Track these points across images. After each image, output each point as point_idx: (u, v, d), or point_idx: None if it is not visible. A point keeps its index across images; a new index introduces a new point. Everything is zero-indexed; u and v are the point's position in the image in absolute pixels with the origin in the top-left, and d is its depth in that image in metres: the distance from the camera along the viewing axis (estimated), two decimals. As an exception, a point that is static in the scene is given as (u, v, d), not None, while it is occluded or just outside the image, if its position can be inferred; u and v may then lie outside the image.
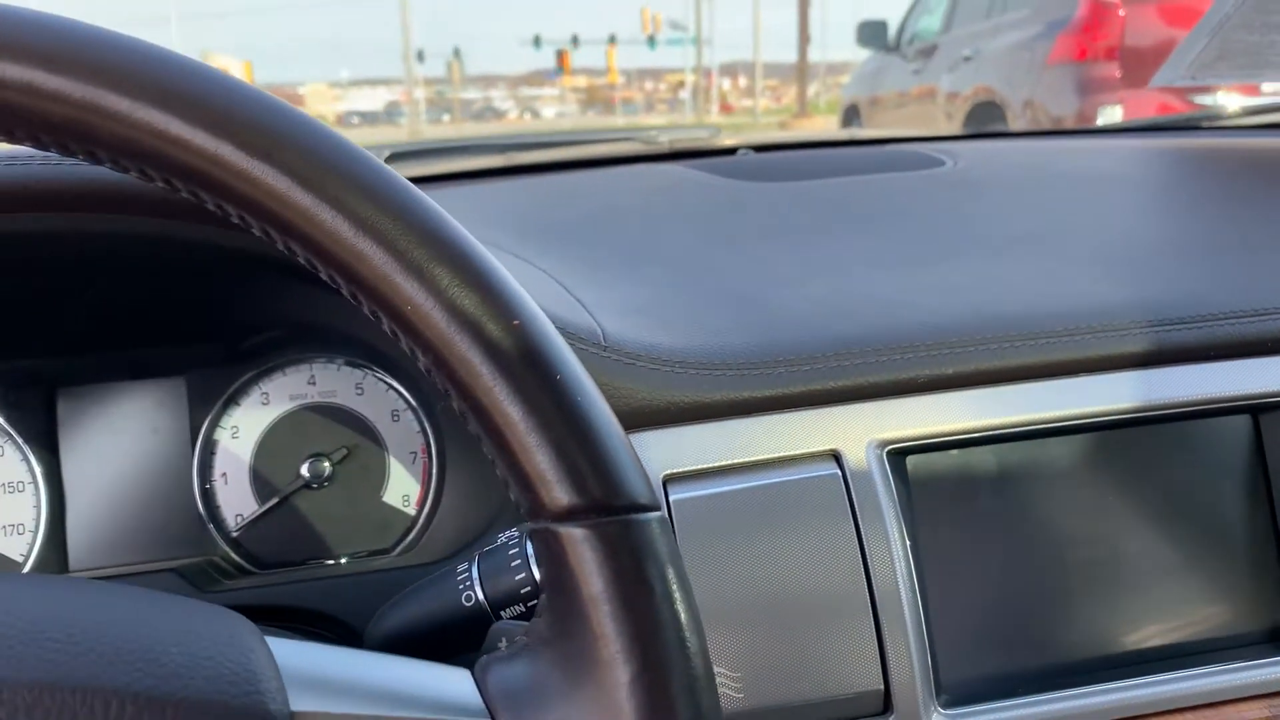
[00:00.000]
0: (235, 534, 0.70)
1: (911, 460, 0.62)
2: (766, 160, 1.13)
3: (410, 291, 0.36)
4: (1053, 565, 0.63)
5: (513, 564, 0.49)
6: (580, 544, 0.36)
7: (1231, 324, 0.65)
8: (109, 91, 0.34)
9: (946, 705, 0.58)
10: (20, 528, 0.69)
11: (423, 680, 0.39)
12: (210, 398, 0.71)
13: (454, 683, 0.39)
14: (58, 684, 0.34)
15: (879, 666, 0.57)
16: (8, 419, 0.69)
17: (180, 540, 0.70)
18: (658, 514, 0.37)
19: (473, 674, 0.39)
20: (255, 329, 0.70)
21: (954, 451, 0.63)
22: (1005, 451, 0.63)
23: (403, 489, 0.72)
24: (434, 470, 0.72)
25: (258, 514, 0.70)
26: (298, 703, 0.36)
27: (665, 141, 1.30)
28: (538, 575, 0.49)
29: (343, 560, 0.71)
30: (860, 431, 0.61)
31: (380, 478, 0.72)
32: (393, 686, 0.38)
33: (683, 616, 0.37)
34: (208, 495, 0.70)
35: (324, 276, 0.38)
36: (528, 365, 0.36)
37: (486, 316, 0.36)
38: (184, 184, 0.36)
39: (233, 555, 0.70)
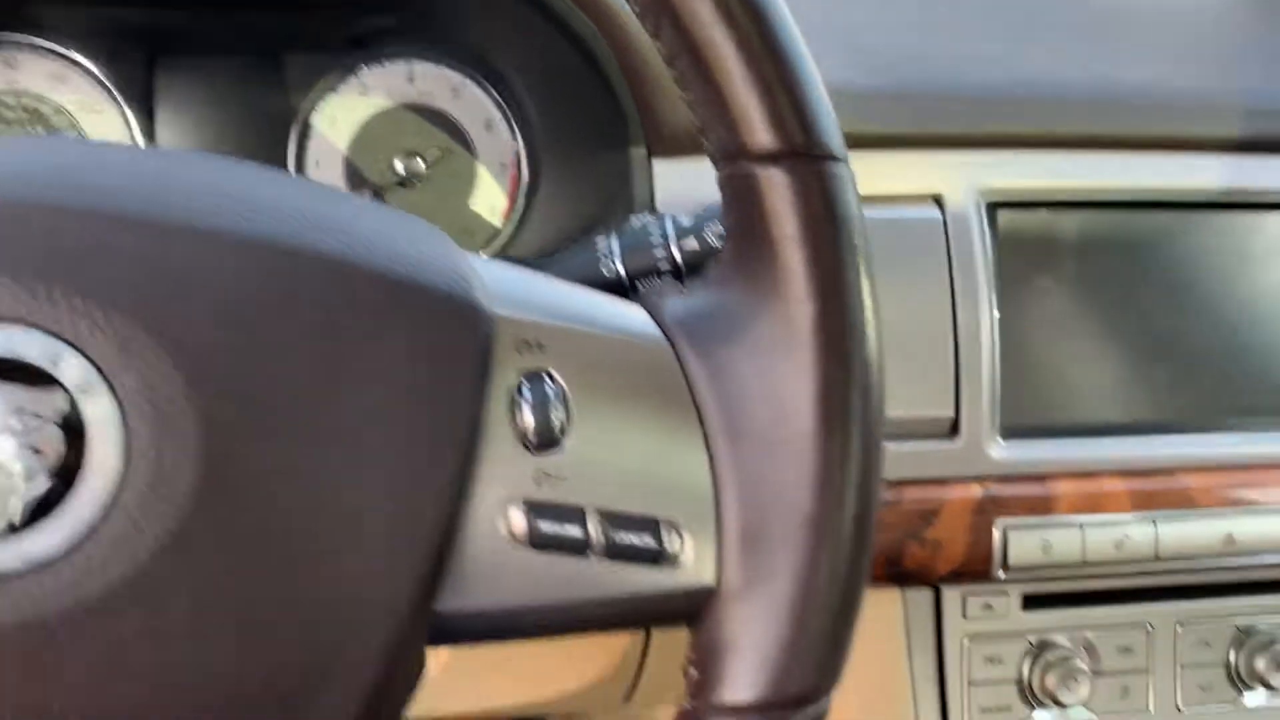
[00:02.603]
0: (326, 220, 0.71)
1: (1004, 215, 0.64)
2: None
3: None
4: (1119, 333, 0.66)
5: (652, 240, 0.51)
6: (777, 185, 0.38)
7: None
8: None
9: (1006, 438, 0.63)
10: (115, 187, 0.69)
11: (600, 304, 0.41)
12: (309, 81, 0.70)
13: (629, 311, 0.41)
14: (272, 242, 0.35)
15: (953, 396, 0.61)
16: (107, 75, 0.68)
17: None
18: (850, 168, 0.39)
19: (644, 307, 0.42)
20: (365, 8, 0.69)
21: (1044, 212, 0.66)
22: (1093, 219, 0.66)
23: (490, 199, 0.73)
24: (523, 183, 0.73)
25: (350, 203, 0.71)
26: (497, 307, 0.38)
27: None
28: (679, 255, 0.51)
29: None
30: (963, 179, 0.63)
31: (469, 185, 0.73)
32: (576, 308, 0.41)
33: (864, 266, 0.39)
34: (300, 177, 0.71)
35: None
36: (746, 9, 0.37)
37: None
38: None
39: None
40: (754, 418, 0.39)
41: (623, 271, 0.51)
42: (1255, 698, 0.72)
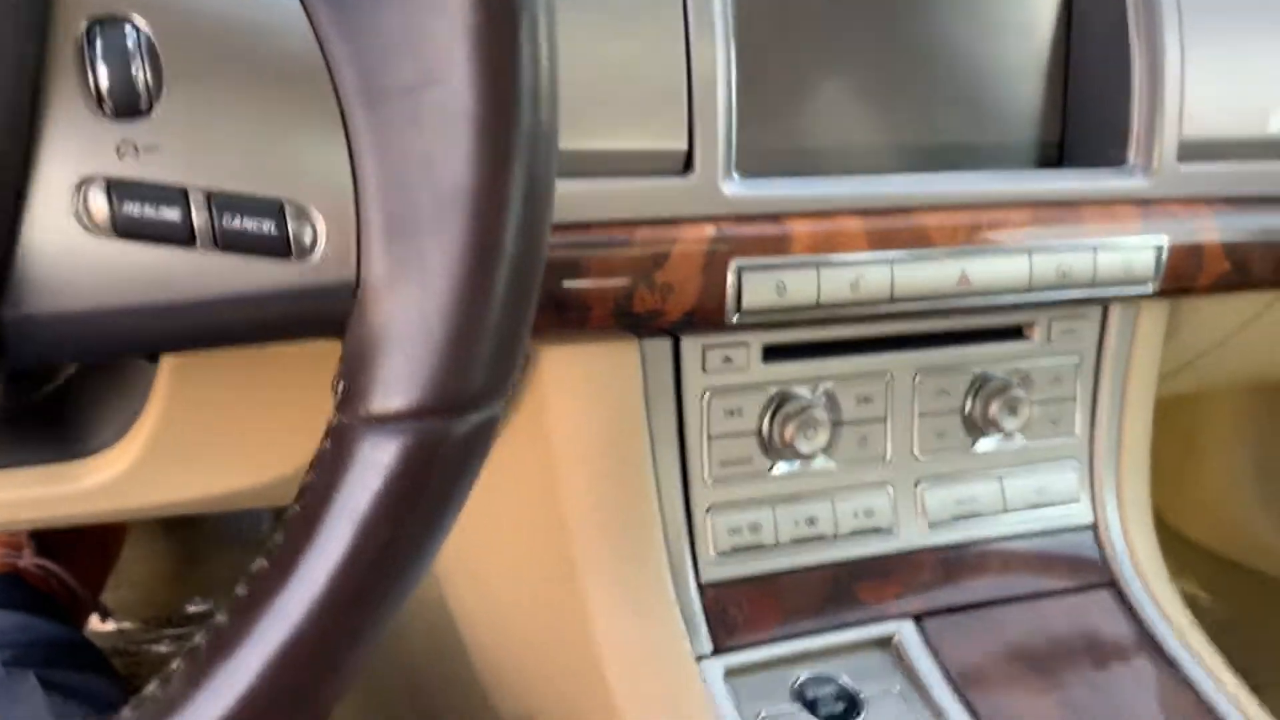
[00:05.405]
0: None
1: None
2: None
3: None
4: (864, 67, 0.63)
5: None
6: None
7: None
8: None
9: (743, 176, 0.59)
10: None
11: None
12: None
13: None
14: None
15: (686, 129, 0.57)
16: None
17: None
18: None
19: None
20: None
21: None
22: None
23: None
24: None
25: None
26: None
27: None
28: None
29: None
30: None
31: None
32: None
33: None
34: None
35: None
36: None
37: None
38: None
39: None
40: (396, 75, 0.32)
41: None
42: (988, 443, 0.73)
